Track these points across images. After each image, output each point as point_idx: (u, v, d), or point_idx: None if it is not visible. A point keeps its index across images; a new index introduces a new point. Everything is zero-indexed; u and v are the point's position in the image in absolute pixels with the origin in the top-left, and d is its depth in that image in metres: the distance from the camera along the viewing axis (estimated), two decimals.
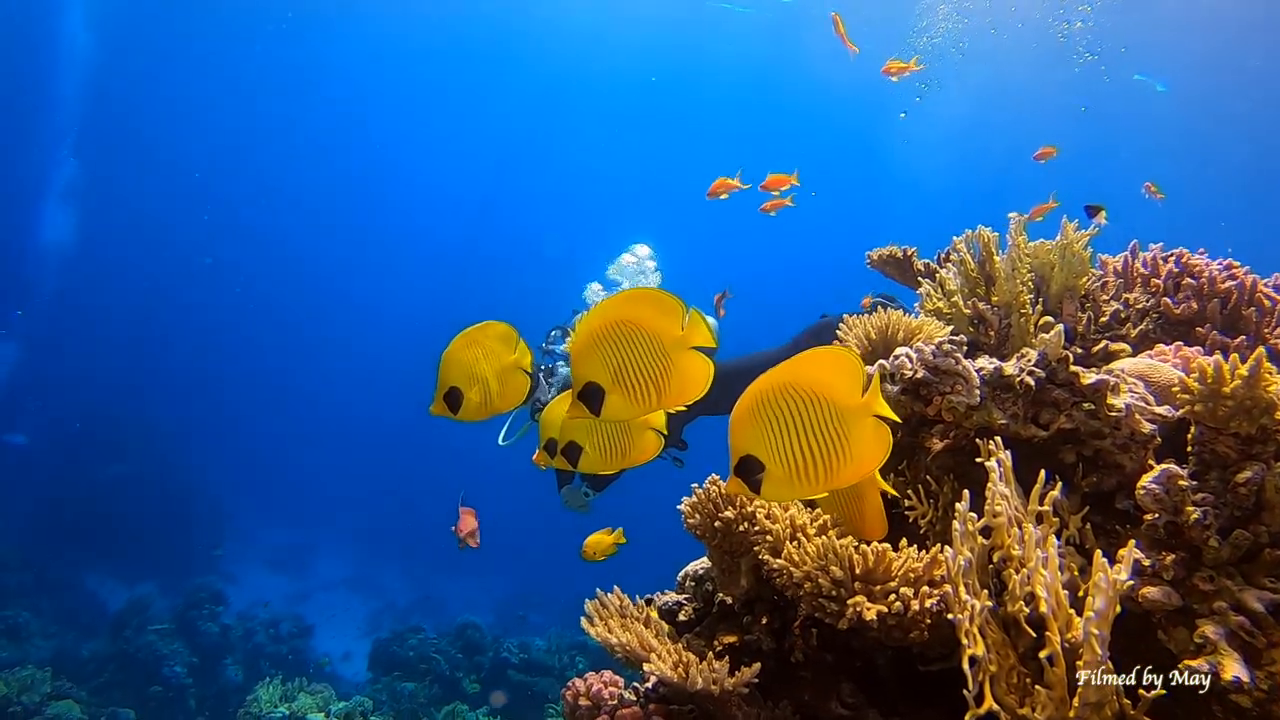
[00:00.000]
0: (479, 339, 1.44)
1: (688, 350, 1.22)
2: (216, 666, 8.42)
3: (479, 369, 1.43)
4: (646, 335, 1.20)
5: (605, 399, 1.21)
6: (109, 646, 8.19)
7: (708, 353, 1.26)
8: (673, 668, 1.24)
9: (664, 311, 1.21)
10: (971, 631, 1.09)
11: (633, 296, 1.23)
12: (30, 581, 9.51)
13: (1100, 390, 1.39)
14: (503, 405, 1.46)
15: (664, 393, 1.22)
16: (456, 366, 1.42)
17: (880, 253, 2.55)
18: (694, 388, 1.24)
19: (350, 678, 9.67)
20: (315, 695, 5.69)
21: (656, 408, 1.25)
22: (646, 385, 1.21)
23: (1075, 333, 2.00)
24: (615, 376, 1.20)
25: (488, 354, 1.43)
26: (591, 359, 1.20)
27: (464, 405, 1.43)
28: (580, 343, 1.21)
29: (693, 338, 1.22)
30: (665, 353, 1.21)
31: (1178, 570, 1.26)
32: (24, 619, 8.29)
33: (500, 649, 8.76)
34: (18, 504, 11.50)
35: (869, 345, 1.83)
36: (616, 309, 1.21)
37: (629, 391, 1.21)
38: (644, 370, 1.21)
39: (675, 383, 1.22)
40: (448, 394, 1.43)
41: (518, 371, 1.46)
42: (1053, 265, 2.07)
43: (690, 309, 1.22)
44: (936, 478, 1.54)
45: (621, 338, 1.20)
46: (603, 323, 1.20)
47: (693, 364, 1.23)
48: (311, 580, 13.74)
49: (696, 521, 1.49)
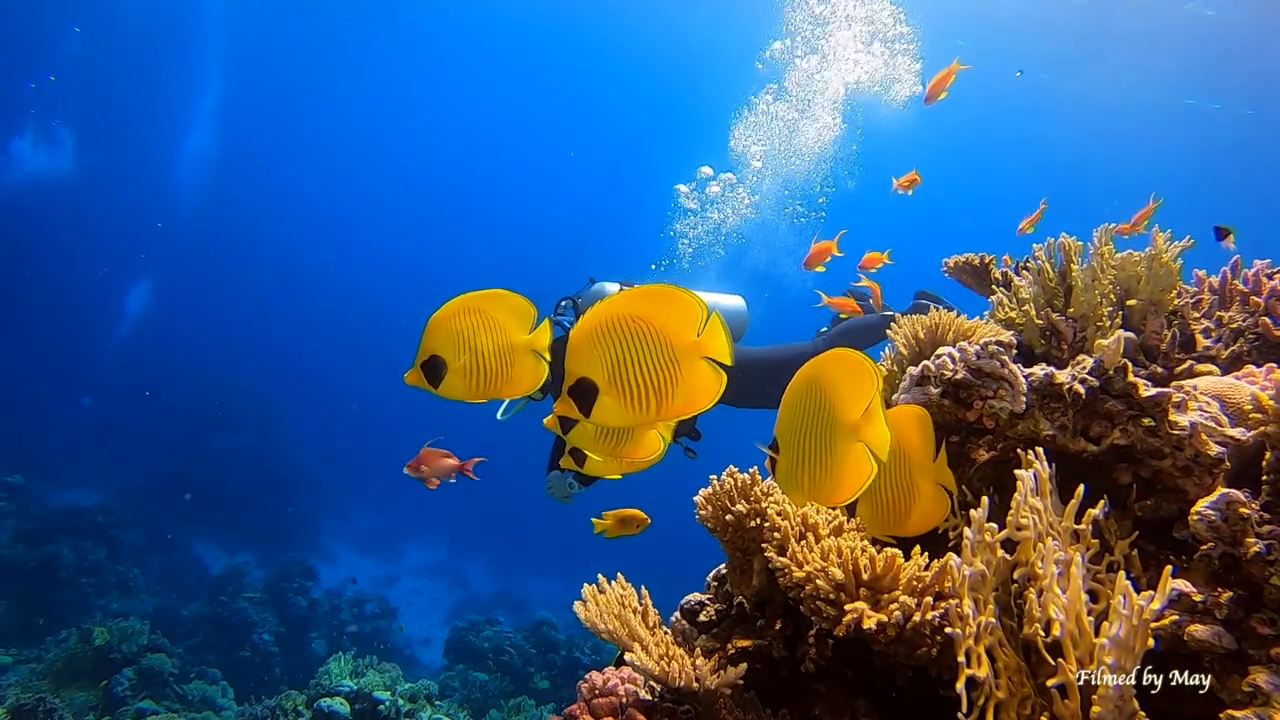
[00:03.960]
0: (480, 307, 1.25)
1: (699, 360, 1.10)
2: (302, 638, 8.77)
3: (475, 340, 1.24)
4: (656, 336, 1.08)
5: (598, 399, 1.09)
6: (205, 609, 8.66)
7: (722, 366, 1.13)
8: (656, 661, 1.18)
9: (680, 313, 1.09)
10: (974, 651, 0.99)
11: (648, 292, 1.10)
12: (144, 541, 10.15)
13: (1161, 405, 1.25)
14: (506, 390, 1.27)
15: (665, 402, 1.10)
16: (443, 333, 1.24)
17: (956, 260, 2.41)
18: (699, 401, 1.11)
19: (428, 662, 9.91)
20: (384, 674, 5.82)
21: (653, 418, 1.11)
22: (646, 391, 1.09)
23: (1158, 351, 1.83)
24: (612, 376, 1.08)
25: (489, 326, 1.24)
26: (589, 352, 1.08)
27: (446, 379, 1.24)
28: (580, 333, 1.09)
29: (707, 346, 1.09)
30: (674, 358, 1.09)
31: (1233, 609, 1.12)
32: (134, 575, 8.84)
33: (574, 649, 8.81)
34: (140, 466, 12.31)
35: (916, 345, 1.71)
36: (627, 303, 1.09)
37: (625, 395, 1.09)
38: (646, 374, 1.08)
39: (680, 393, 1.10)
40: (428, 362, 1.24)
41: (529, 354, 1.27)
42: (1139, 278, 1.90)
43: (712, 314, 1.09)
44: (977, 490, 1.43)
45: (626, 334, 1.08)
46: (609, 315, 1.08)
47: (702, 375, 1.10)
48: (400, 565, 14.20)
49: (708, 514, 1.42)
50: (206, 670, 7.14)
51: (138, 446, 13.09)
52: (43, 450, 12.03)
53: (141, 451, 12.89)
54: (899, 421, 1.25)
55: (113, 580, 8.52)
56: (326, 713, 5.35)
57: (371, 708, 5.46)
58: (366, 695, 5.48)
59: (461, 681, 7.99)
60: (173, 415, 14.07)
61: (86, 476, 11.82)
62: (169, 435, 13.40)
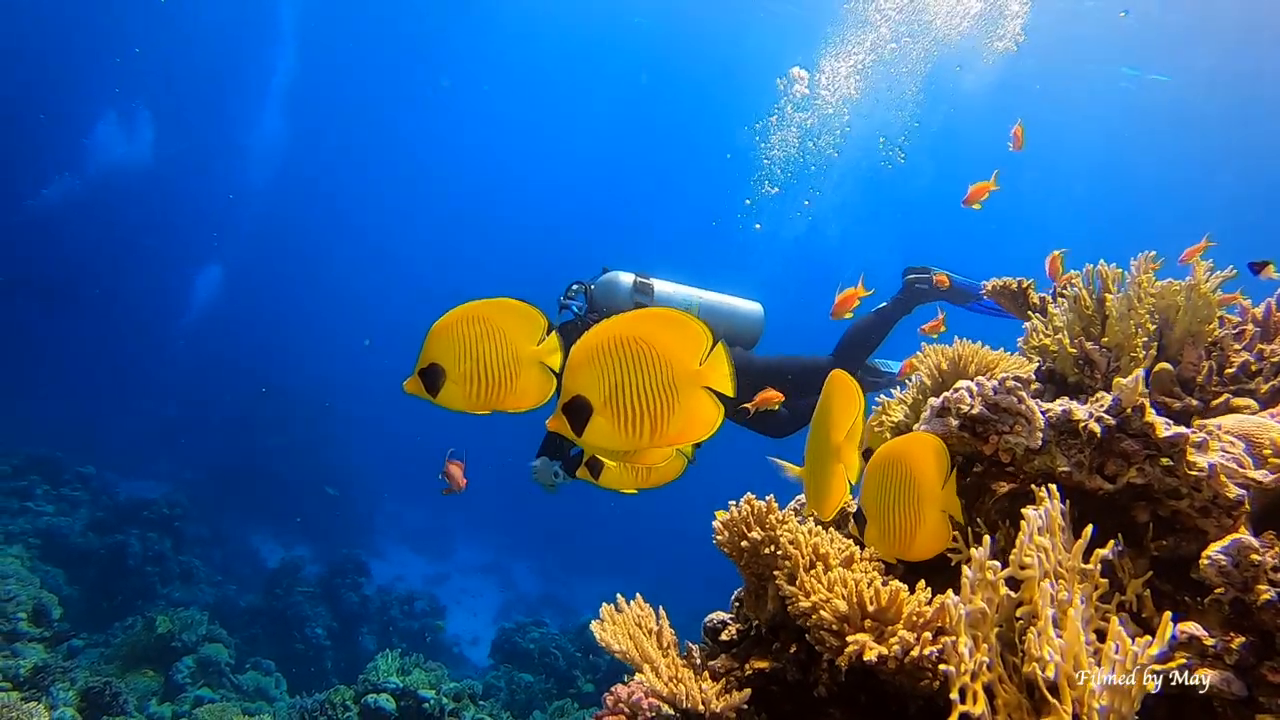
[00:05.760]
0: (485, 315, 1.19)
1: (699, 389, 1.07)
2: (354, 633, 8.99)
3: (478, 348, 1.19)
4: (657, 360, 1.06)
5: (591, 420, 1.07)
6: (262, 601, 8.92)
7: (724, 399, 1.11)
8: (665, 683, 1.21)
9: (685, 339, 1.06)
10: (970, 688, 1.01)
11: (653, 315, 1.07)
12: (207, 533, 10.51)
13: (1178, 445, 1.25)
14: (511, 402, 1.23)
15: (659, 430, 1.07)
16: (444, 340, 1.19)
17: (995, 283, 2.39)
18: (695, 432, 1.09)
19: (476, 661, 10.07)
20: (429, 672, 5.94)
21: (647, 444, 1.08)
22: (641, 416, 1.06)
23: (1194, 383, 1.80)
24: (608, 397, 1.06)
25: (494, 335, 1.19)
26: (587, 371, 1.06)
27: (445, 388, 1.20)
28: (580, 350, 1.06)
29: (709, 376, 1.07)
30: (673, 385, 1.06)
31: (1245, 656, 1.11)
32: (196, 566, 9.16)
33: None
34: (203, 459, 12.75)
35: (939, 376, 1.72)
36: (632, 324, 1.06)
37: (619, 418, 1.06)
38: (643, 398, 1.06)
39: (675, 421, 1.07)
40: (427, 370, 1.20)
41: (536, 366, 1.22)
42: (1178, 308, 1.88)
43: (717, 344, 1.06)
44: (994, 522, 1.44)
45: (627, 356, 1.05)
46: (611, 334, 1.06)
47: (700, 405, 1.08)
48: (450, 564, 14.42)
49: (725, 539, 1.45)
50: (261, 661, 7.37)
51: (201, 440, 13.56)
52: (113, 441, 12.54)
53: (204, 445, 13.35)
54: (913, 449, 1.28)
55: (176, 570, 8.84)
56: (373, 709, 5.49)
57: (416, 705, 5.58)
58: (412, 693, 5.60)
59: (506, 682, 8.09)
60: (234, 410, 14.56)
61: (153, 468, 12.30)
62: (230, 429, 13.87)
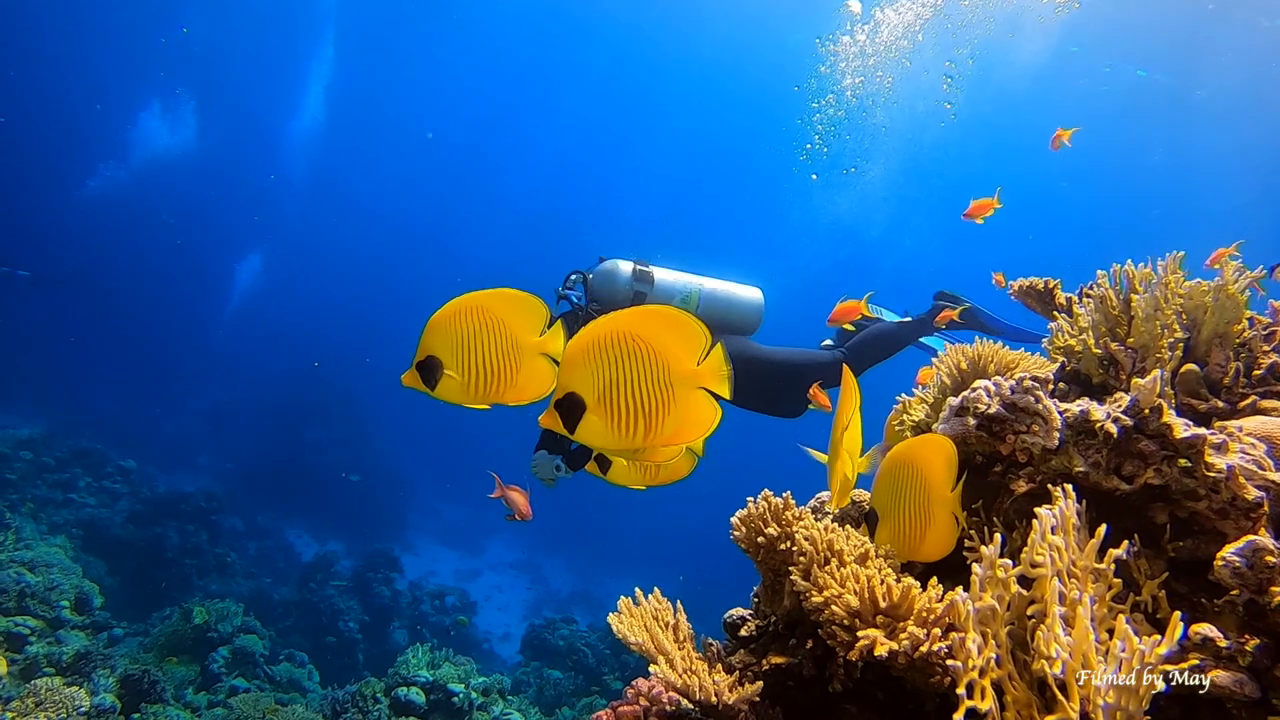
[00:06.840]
0: (485, 306, 1.17)
1: (695, 390, 1.06)
2: (385, 628, 9.12)
3: (476, 340, 1.16)
4: (653, 359, 1.04)
5: (584, 417, 1.05)
6: (296, 594, 9.09)
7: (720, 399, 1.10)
8: (679, 674, 1.24)
9: (683, 338, 1.04)
10: (978, 684, 1.02)
11: (653, 313, 1.05)
12: (242, 526, 10.72)
13: (1196, 446, 1.25)
14: (511, 395, 1.20)
15: (654, 429, 1.05)
16: (441, 333, 1.17)
17: (1022, 283, 2.38)
18: (689, 433, 1.07)
19: (506, 657, 10.16)
20: (459, 667, 6.02)
21: (640, 444, 1.07)
22: (635, 415, 1.04)
23: (1220, 385, 1.79)
24: (602, 395, 1.04)
25: (493, 326, 1.17)
26: (582, 367, 1.04)
27: (443, 381, 1.18)
28: (575, 346, 1.04)
29: (706, 377, 1.05)
30: (669, 384, 1.05)
31: (1259, 657, 1.11)
32: (232, 558, 9.35)
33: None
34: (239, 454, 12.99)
35: (959, 375, 1.72)
36: (630, 321, 1.04)
37: (612, 417, 1.04)
38: (637, 397, 1.04)
39: (671, 421, 1.05)
40: (424, 363, 1.18)
41: (538, 358, 1.19)
42: (1206, 308, 1.86)
43: (716, 344, 1.05)
44: (1011, 522, 1.44)
45: (623, 353, 1.04)
46: (608, 331, 1.04)
47: (696, 406, 1.06)
48: (481, 560, 14.55)
49: (741, 535, 1.47)
50: (295, 653, 7.51)
51: (240, 434, 13.83)
52: (155, 434, 12.83)
53: (241, 440, 13.61)
54: (924, 451, 1.30)
55: (212, 562, 9.04)
56: (403, 701, 5.58)
57: (445, 699, 5.66)
58: (441, 687, 5.68)
59: (536, 678, 8.16)
60: (270, 405, 14.82)
61: (190, 462, 12.58)
62: (266, 425, 14.12)
